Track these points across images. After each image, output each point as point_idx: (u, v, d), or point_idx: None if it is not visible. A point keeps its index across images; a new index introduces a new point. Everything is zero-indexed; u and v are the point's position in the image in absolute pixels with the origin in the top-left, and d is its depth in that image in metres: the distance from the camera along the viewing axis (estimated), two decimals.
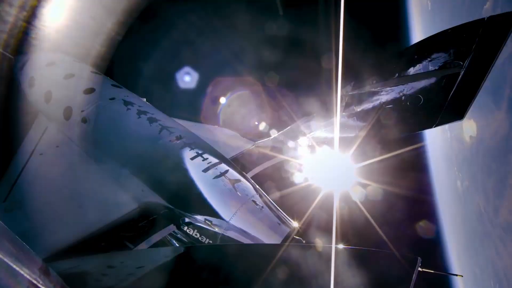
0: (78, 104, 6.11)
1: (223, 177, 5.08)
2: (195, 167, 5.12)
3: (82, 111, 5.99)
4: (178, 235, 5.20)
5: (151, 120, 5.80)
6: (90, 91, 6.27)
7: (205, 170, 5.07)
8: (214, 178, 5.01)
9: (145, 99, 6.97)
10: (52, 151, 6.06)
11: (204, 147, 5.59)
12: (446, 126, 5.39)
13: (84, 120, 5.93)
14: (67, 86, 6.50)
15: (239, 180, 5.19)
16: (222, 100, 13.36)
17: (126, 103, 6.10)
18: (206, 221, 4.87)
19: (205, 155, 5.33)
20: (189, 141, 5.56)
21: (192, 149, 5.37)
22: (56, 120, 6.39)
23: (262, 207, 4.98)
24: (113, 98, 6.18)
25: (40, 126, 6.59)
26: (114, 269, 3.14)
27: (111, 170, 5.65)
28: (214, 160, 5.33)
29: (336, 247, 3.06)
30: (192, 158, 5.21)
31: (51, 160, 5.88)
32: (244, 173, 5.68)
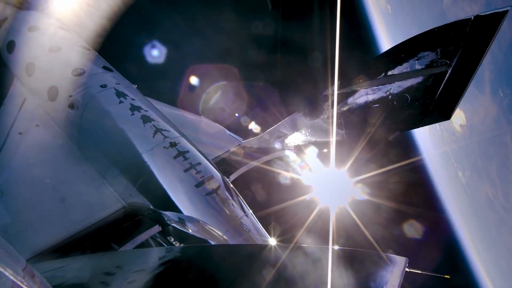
0: (65, 86, 5.72)
1: (214, 194, 5.10)
2: (188, 181, 5.10)
3: (70, 96, 5.62)
4: (158, 239, 5.24)
5: (145, 120, 5.56)
6: (79, 72, 5.85)
7: (198, 185, 5.07)
8: (206, 195, 5.03)
9: (135, 86, 6.59)
10: (33, 130, 5.63)
11: (197, 157, 5.52)
12: None
13: (71, 106, 5.58)
14: (52, 62, 6.00)
15: (229, 200, 5.23)
16: (207, 90, 13.26)
17: (119, 94, 5.77)
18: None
19: (198, 167, 5.29)
20: (183, 149, 5.44)
21: (186, 159, 5.30)
22: (39, 97, 5.95)
23: (250, 230, 5.07)
24: (104, 86, 5.79)
25: (17, 95, 6.03)
26: (113, 276, 3.02)
27: (99, 166, 5.46)
28: (207, 173, 5.31)
29: (323, 247, 3.10)
30: (185, 170, 5.16)
31: (31, 142, 5.47)
32: (234, 189, 5.70)
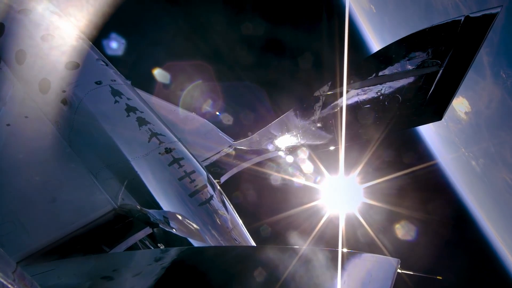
0: (58, 80, 5.45)
1: (207, 205, 5.10)
2: (182, 190, 5.07)
3: (63, 91, 5.37)
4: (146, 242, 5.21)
5: (141, 122, 5.41)
6: (73, 66, 5.56)
7: (192, 195, 5.05)
8: (199, 205, 5.03)
9: (130, 82, 6.37)
10: (21, 122, 5.32)
11: (192, 164, 5.46)
12: None
13: (64, 102, 5.36)
14: (45, 52, 5.64)
15: (221, 210, 5.25)
16: (192, 88, 13.23)
17: (114, 92, 5.56)
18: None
19: (193, 176, 5.25)
20: (178, 155, 5.36)
21: (180, 166, 5.24)
22: (29, 88, 5.64)
23: (240, 242, 5.13)
24: (99, 82, 5.55)
25: (5, 82, 5.65)
26: (111, 281, 2.94)
27: (91, 166, 5.32)
28: (201, 182, 5.28)
29: (316, 248, 3.11)
30: (180, 179, 5.12)
31: (20, 135, 5.17)
32: (226, 198, 5.70)
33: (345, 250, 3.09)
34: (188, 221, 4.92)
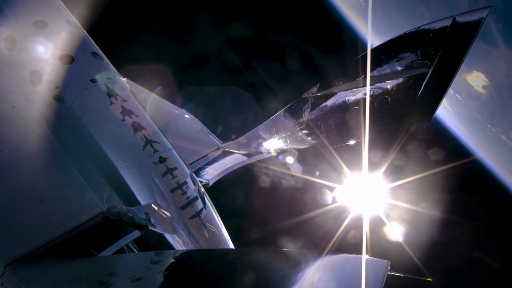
0: (50, 74, 5.18)
1: (197, 218, 5.13)
2: (174, 202, 5.07)
3: (56, 87, 5.12)
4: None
5: (136, 128, 5.26)
6: (68, 60, 5.29)
7: (183, 207, 5.06)
8: (189, 218, 5.06)
9: (125, 79, 6.16)
10: (7, 113, 4.94)
11: (184, 174, 5.42)
12: (451, 90, 5.41)
13: (56, 99, 5.12)
14: (37, 40, 5.33)
15: (209, 224, 5.29)
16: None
17: (110, 92, 5.35)
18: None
19: (184, 187, 5.23)
20: (171, 165, 5.29)
21: (173, 177, 5.19)
22: (18, 78, 5.30)
23: None
24: (94, 81, 5.31)
25: None
26: (108, 286, 2.88)
27: (82, 167, 5.13)
28: (192, 194, 5.28)
29: (304, 251, 3.16)
30: (172, 190, 5.09)
31: (5, 127, 4.83)
32: (215, 210, 5.73)
33: (333, 252, 3.09)
34: (162, 210, 4.92)
